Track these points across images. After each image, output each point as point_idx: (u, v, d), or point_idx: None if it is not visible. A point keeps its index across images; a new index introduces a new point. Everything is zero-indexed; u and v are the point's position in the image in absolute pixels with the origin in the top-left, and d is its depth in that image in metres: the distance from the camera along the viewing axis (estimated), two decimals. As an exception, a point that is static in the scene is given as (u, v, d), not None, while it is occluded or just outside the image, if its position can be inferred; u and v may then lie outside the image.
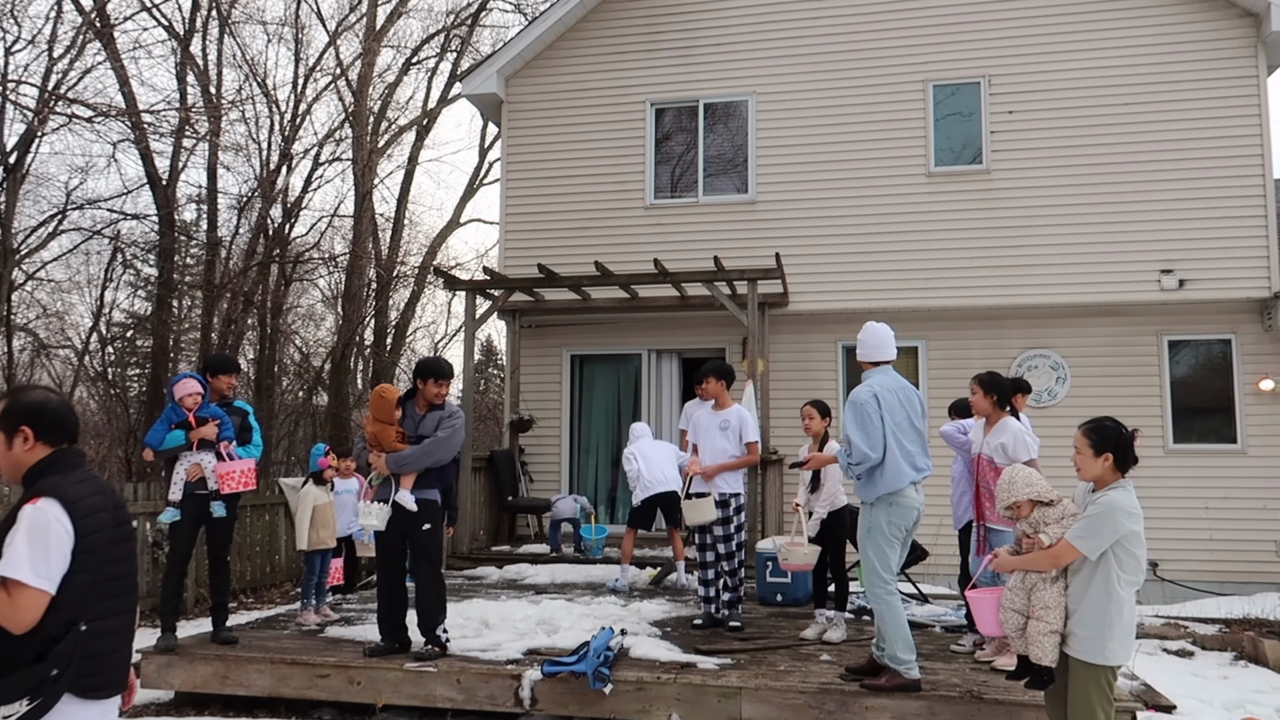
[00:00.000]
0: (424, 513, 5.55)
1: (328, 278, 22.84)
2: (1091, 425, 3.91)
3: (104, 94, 17.09)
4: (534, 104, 11.92)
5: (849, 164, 10.99)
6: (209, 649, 5.71)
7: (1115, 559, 3.77)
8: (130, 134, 15.34)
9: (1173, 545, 10.05)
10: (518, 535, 11.31)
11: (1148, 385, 10.40)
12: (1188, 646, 7.80)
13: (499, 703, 5.22)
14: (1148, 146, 10.32)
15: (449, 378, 5.67)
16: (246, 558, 9.92)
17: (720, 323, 11.14)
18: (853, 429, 4.98)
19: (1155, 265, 10.18)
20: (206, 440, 5.66)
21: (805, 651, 5.82)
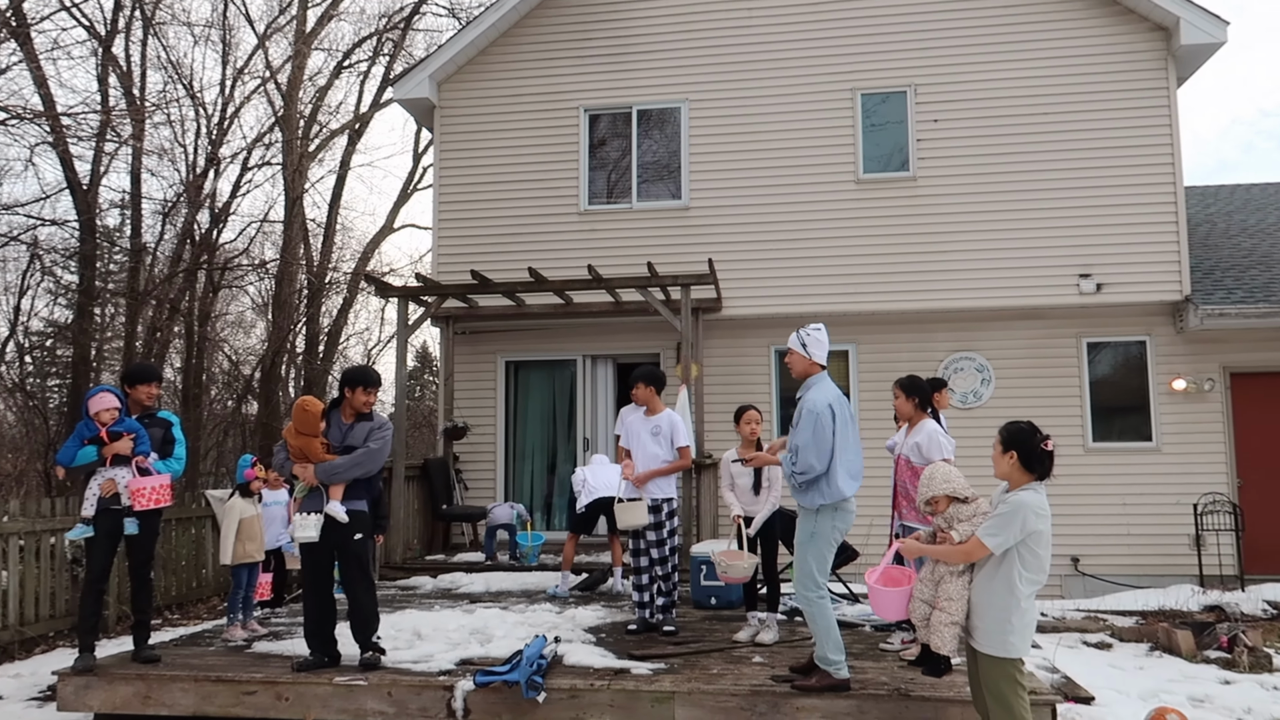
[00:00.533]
0: (354, 523, 5.48)
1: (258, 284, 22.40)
2: (1006, 424, 4.08)
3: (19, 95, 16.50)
4: (467, 109, 11.85)
5: (781, 170, 11.15)
6: (130, 668, 5.54)
7: (1019, 557, 3.91)
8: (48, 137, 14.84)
9: (1092, 541, 10.39)
10: (453, 544, 11.21)
11: (1068, 386, 10.74)
12: (1106, 639, 8.07)
13: (431, 714, 5.16)
14: (1065, 155, 10.67)
15: (377, 386, 5.60)
16: (172, 572, 9.66)
17: (655, 328, 11.19)
18: (805, 438, 4.95)
19: (1074, 270, 10.52)
20: (121, 455, 5.50)
21: (738, 654, 5.88)
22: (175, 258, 19.46)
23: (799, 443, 4.98)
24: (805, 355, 5.23)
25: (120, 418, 5.54)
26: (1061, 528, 10.22)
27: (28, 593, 7.76)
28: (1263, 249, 11.72)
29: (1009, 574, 3.91)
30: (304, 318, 21.57)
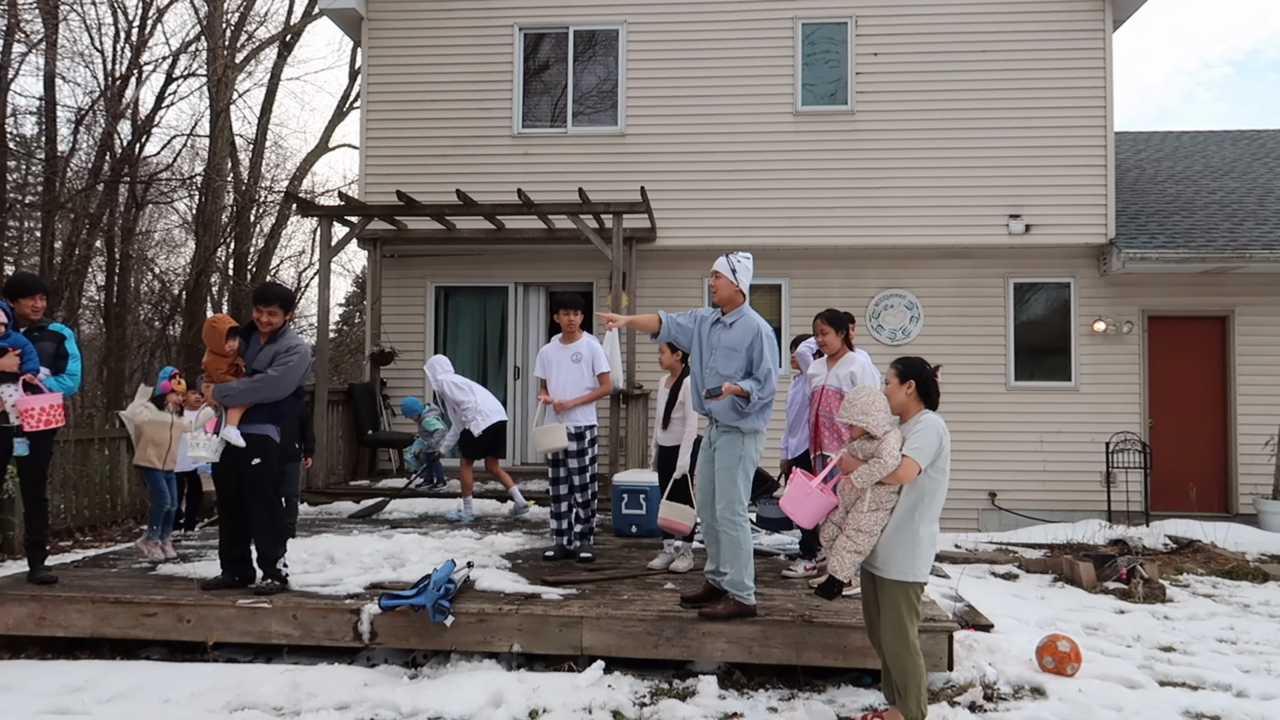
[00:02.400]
0: (253, 448, 5.32)
1: (187, 201, 21.57)
2: (899, 359, 4.18)
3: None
4: (397, 22, 11.37)
5: (719, 100, 10.96)
6: (24, 589, 5.38)
7: (928, 481, 3.99)
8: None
9: (1009, 476, 10.68)
10: (379, 470, 11.10)
11: (994, 325, 10.90)
12: (1014, 570, 8.34)
13: (337, 637, 5.12)
14: (1000, 94, 10.66)
15: (277, 302, 5.38)
16: (84, 493, 9.42)
17: (588, 257, 11.04)
18: (771, 362, 4.97)
19: (1004, 210, 10.60)
20: (8, 372, 5.25)
21: (651, 581, 5.93)
22: (94, 170, 18.61)
23: (768, 367, 4.96)
24: (733, 281, 5.15)
25: (5, 333, 5.27)
26: (980, 463, 10.56)
27: (-76, 512, 7.49)
28: (1186, 195, 11.93)
29: (917, 499, 4.00)
30: (231, 236, 20.89)
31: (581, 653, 5.05)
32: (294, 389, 5.45)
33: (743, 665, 5.07)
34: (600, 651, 5.03)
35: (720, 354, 5.10)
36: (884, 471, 3.93)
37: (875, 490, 4.00)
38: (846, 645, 4.90)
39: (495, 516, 8.65)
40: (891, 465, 3.92)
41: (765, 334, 5.04)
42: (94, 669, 4.88)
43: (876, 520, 4.01)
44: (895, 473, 3.93)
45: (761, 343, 5.00)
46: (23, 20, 15.90)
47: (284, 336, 5.44)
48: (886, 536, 4.04)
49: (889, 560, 4.05)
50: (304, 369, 5.41)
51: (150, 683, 4.70)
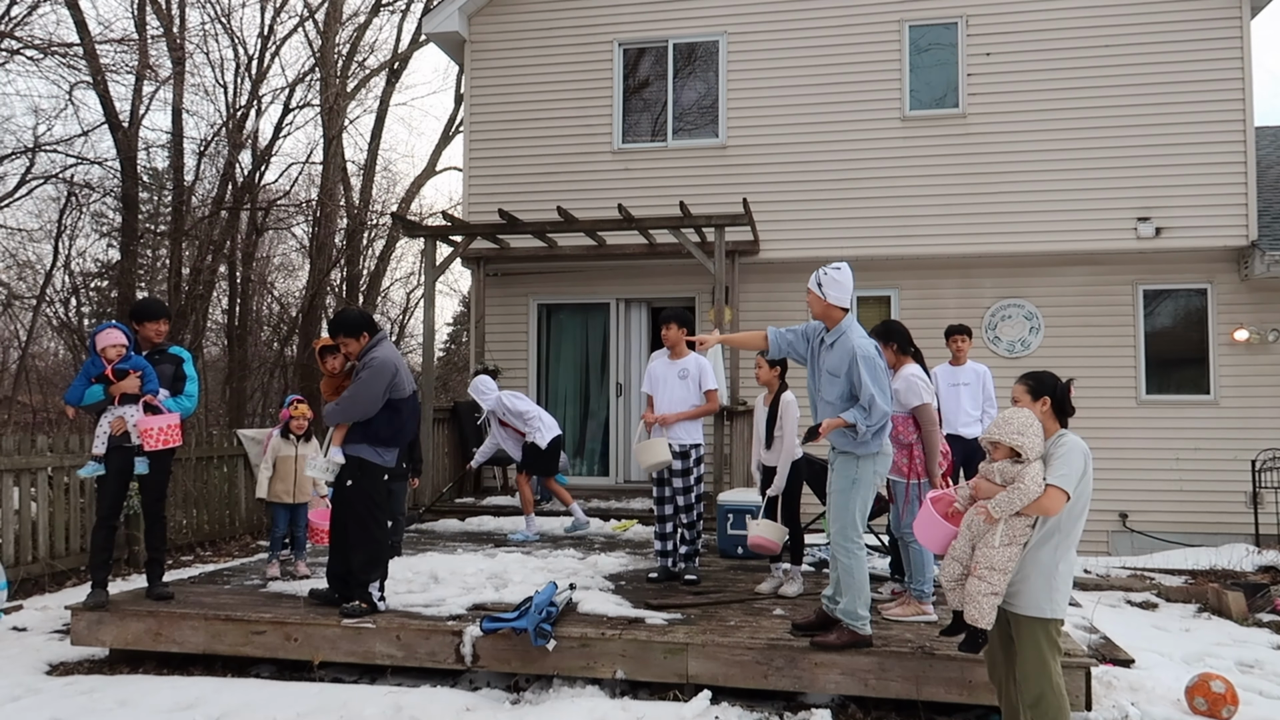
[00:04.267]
0: (347, 468, 5.32)
1: (304, 226, 22.40)
2: (1028, 374, 3.83)
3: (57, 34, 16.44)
4: (498, 43, 11.50)
5: (822, 107, 10.68)
6: (142, 605, 5.51)
7: (1066, 510, 3.64)
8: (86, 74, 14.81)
9: (1142, 496, 9.99)
10: (483, 487, 11.16)
11: (1122, 335, 10.25)
12: (1152, 598, 7.73)
13: (439, 659, 5.06)
14: (1127, 91, 10.05)
15: (340, 332, 5.33)
16: (205, 509, 9.73)
17: (690, 271, 10.89)
18: (873, 387, 4.62)
19: (1132, 213, 9.97)
20: (130, 393, 5.40)
21: (758, 606, 5.69)
22: (218, 198, 19.49)
23: (871, 393, 4.62)
24: (820, 296, 4.82)
25: (128, 355, 5.44)
26: (1110, 482, 9.91)
27: (57, 527, 7.83)
28: (1339, 192, 11.01)
29: (1055, 527, 3.67)
30: (343, 260, 21.57)
31: (687, 681, 4.85)
32: (376, 405, 5.26)
33: (858, 699, 4.79)
34: (707, 680, 4.82)
35: (824, 378, 4.84)
36: (1025, 501, 3.58)
37: (1010, 522, 3.65)
38: (971, 680, 4.56)
39: (597, 537, 8.54)
40: (1034, 494, 3.57)
41: (863, 355, 4.66)
42: (206, 685, 4.94)
43: (1011, 556, 3.64)
44: (1038, 502, 3.58)
45: (859, 367, 4.65)
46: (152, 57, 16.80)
47: (366, 354, 5.37)
48: (1023, 569, 3.69)
49: (1022, 594, 3.70)
50: (380, 383, 5.23)
51: (259, 701, 4.72)
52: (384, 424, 5.32)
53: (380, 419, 5.31)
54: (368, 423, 5.30)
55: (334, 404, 5.31)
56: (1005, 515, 3.62)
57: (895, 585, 5.97)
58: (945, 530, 3.84)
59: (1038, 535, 3.67)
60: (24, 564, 7.49)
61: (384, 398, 5.26)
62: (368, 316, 5.50)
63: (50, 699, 4.77)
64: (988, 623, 3.67)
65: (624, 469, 11.37)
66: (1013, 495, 3.59)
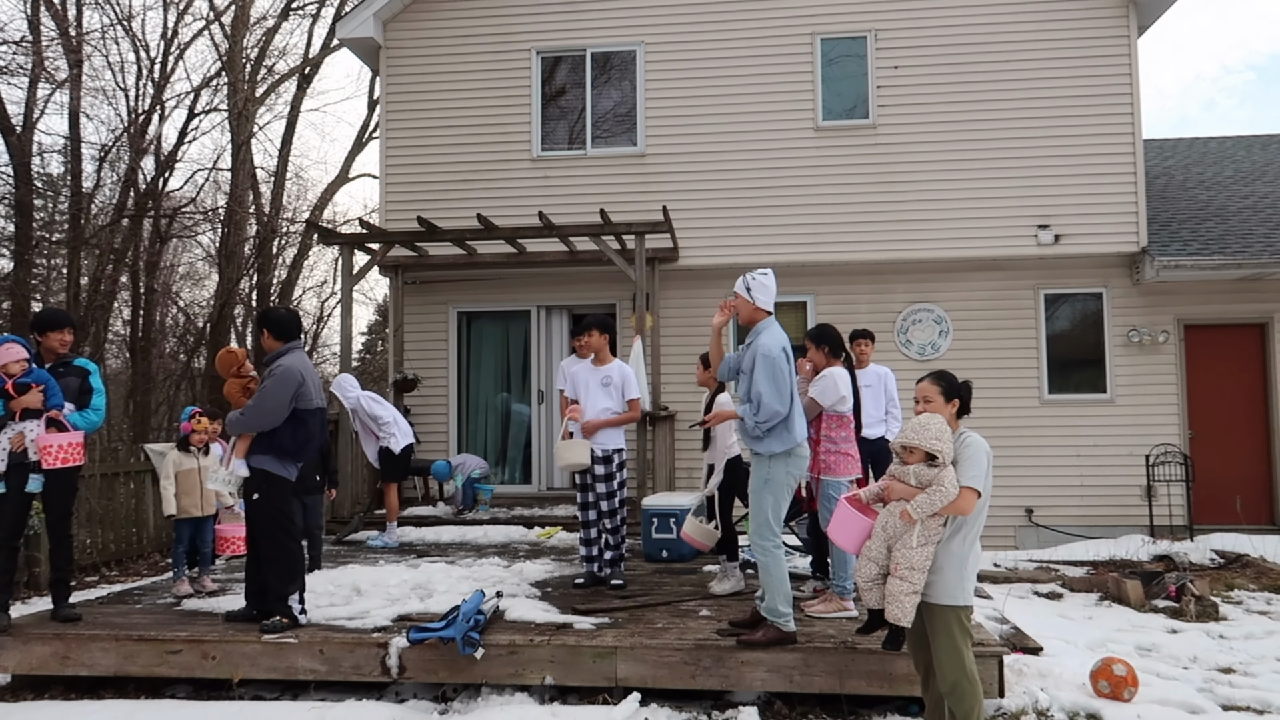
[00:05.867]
0: (252, 481, 5.20)
1: (210, 235, 21.72)
2: (937, 374, 4.00)
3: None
4: (414, 50, 11.39)
5: (739, 117, 10.87)
6: (47, 628, 5.28)
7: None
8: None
9: (1046, 492, 10.42)
10: (405, 498, 10.98)
11: (1025, 337, 10.69)
12: (1057, 589, 8.08)
13: (365, 672, 4.98)
14: (1025, 104, 10.51)
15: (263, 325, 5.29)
16: (110, 527, 9.37)
17: (611, 278, 10.95)
18: (764, 384, 4.77)
19: (1033, 220, 10.42)
20: (31, 408, 5.18)
21: (685, 608, 5.76)
22: (119, 205, 18.77)
23: (760, 390, 4.79)
24: (750, 300, 5.01)
25: (30, 368, 5.21)
26: (1016, 479, 10.31)
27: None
28: (1218, 201, 11.69)
29: (962, 521, 3.82)
30: (254, 268, 20.99)
31: (617, 684, 4.89)
32: (281, 415, 5.15)
33: (784, 695, 4.89)
34: (636, 683, 4.86)
35: (743, 377, 4.99)
36: (944, 501, 3.72)
37: (926, 522, 3.79)
38: (892, 673, 4.70)
39: (521, 544, 8.52)
40: (952, 494, 3.72)
41: (762, 354, 4.84)
42: (118, 709, 4.77)
43: (928, 555, 3.79)
44: (955, 504, 3.73)
45: (756, 364, 4.84)
46: (46, 59, 16.12)
47: (273, 362, 5.26)
48: (937, 561, 3.85)
49: (936, 584, 3.85)
50: (284, 391, 5.11)
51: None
52: (288, 435, 5.19)
53: (284, 430, 5.18)
54: (272, 433, 5.17)
55: (238, 412, 5.18)
56: (924, 516, 3.76)
57: (816, 583, 6.12)
58: (860, 527, 3.96)
59: (949, 530, 3.83)
60: (-86, 590, 7.08)
61: (289, 407, 5.14)
62: (289, 320, 5.35)
63: (-52, 730, 4.55)
64: (909, 620, 3.80)
65: (547, 476, 11.35)
66: (933, 497, 3.72)
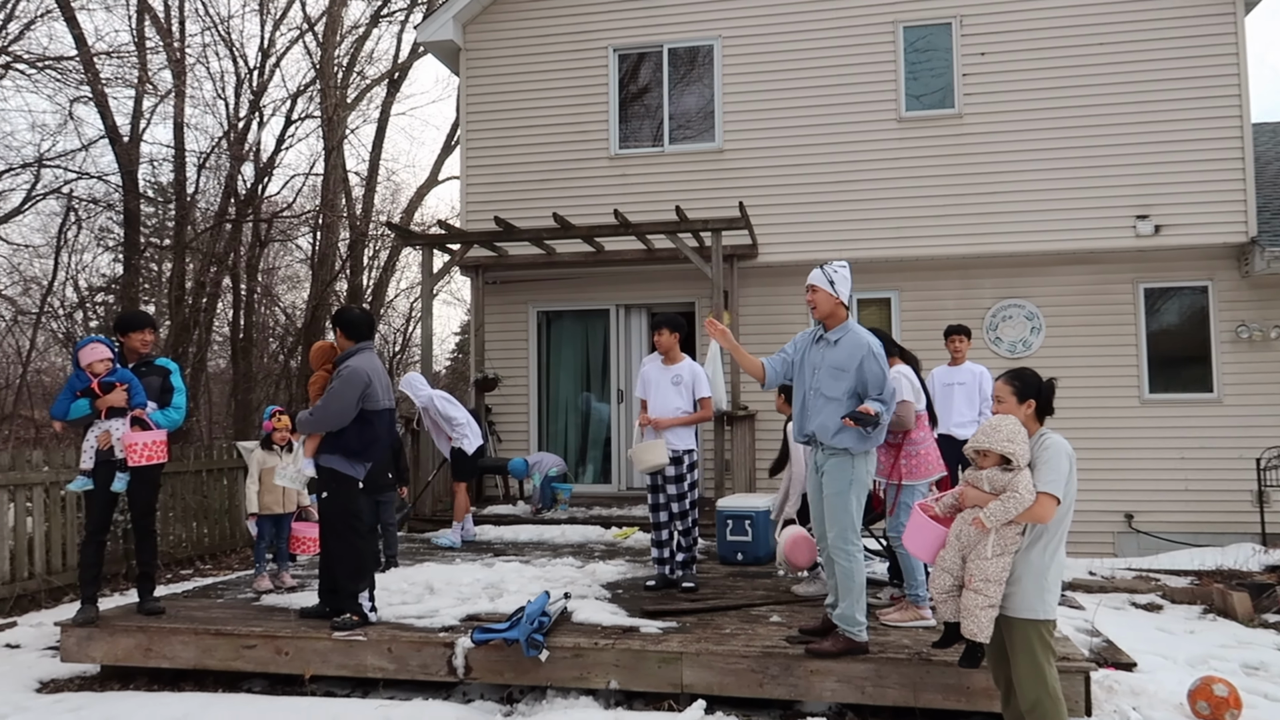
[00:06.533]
0: (319, 480, 5.28)
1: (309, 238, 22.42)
2: (1012, 373, 3.76)
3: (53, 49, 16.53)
4: (493, 51, 11.49)
5: (818, 110, 10.63)
6: (132, 620, 5.47)
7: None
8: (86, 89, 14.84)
9: (1147, 496, 9.89)
10: (485, 496, 11.10)
11: (1123, 334, 10.16)
12: (1157, 600, 7.64)
13: (432, 672, 5.01)
14: (1123, 89, 9.98)
15: (336, 324, 5.36)
16: (205, 522, 9.70)
17: (689, 276, 10.84)
18: (888, 382, 4.69)
19: (1131, 211, 9.89)
20: (117, 407, 5.37)
21: (755, 613, 5.63)
22: (220, 211, 19.53)
23: (893, 387, 4.72)
24: (832, 294, 4.77)
25: (114, 368, 5.40)
26: (1115, 483, 9.82)
27: (54, 542, 7.80)
28: (1341, 187, 10.91)
29: (1043, 531, 3.61)
30: (347, 270, 21.58)
31: (682, 690, 4.79)
32: (349, 415, 5.20)
33: (855, 706, 4.72)
34: (702, 689, 4.76)
35: (825, 374, 4.75)
36: (1019, 509, 3.51)
37: (1001, 531, 3.58)
38: (969, 686, 4.49)
39: (597, 544, 8.49)
40: (1028, 501, 3.50)
41: (875, 350, 4.67)
42: (194, 701, 4.90)
43: (1004, 565, 3.57)
44: (1031, 510, 3.51)
45: (874, 360, 4.65)
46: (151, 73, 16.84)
47: (342, 362, 5.33)
48: (1015, 572, 3.63)
49: (1014, 596, 3.64)
50: (351, 392, 5.16)
51: (248, 716, 4.67)
52: (355, 436, 5.25)
53: (352, 430, 5.24)
54: (340, 434, 5.24)
55: (306, 412, 5.27)
56: (998, 525, 3.56)
57: (894, 590, 5.91)
58: (934, 536, 3.77)
59: (1028, 539, 3.62)
60: (20, 580, 7.46)
61: (356, 408, 5.20)
62: (360, 321, 5.42)
63: (36, 717, 4.73)
64: (986, 636, 3.61)
65: (625, 476, 11.32)
66: (1007, 504, 3.52)
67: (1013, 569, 3.64)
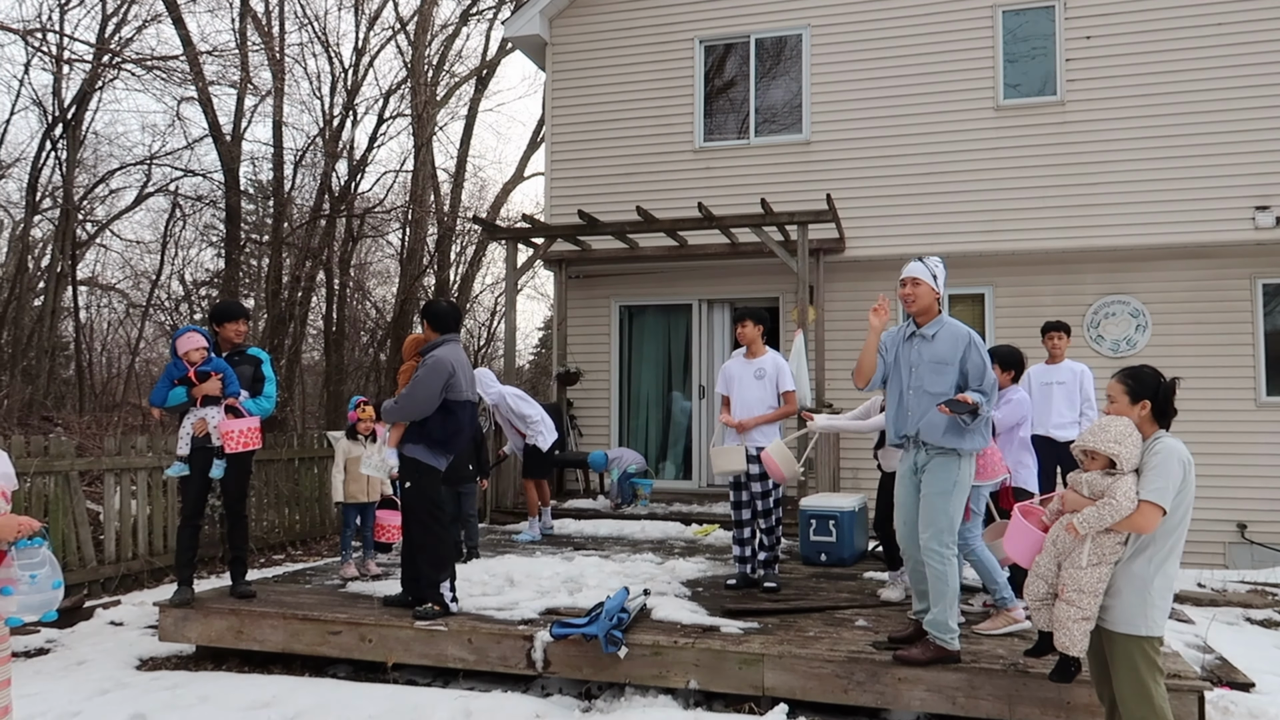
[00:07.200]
0: (404, 470, 5.33)
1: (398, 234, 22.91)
2: (1127, 371, 3.49)
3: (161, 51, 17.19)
4: (578, 44, 11.49)
5: (910, 99, 10.32)
6: (225, 603, 5.62)
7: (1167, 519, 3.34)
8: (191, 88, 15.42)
9: (1263, 505, 9.33)
10: (566, 490, 11.13)
11: (1238, 333, 9.59)
12: (1274, 616, 7.17)
13: (511, 664, 4.99)
14: (1240, 70, 9.41)
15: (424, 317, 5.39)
16: (297, 509, 9.96)
17: (774, 271, 10.67)
18: (989, 373, 4.52)
19: (1249, 201, 9.32)
20: (211, 395, 5.51)
21: (840, 616, 5.46)
22: (315, 207, 20.09)
23: (994, 377, 4.56)
24: (934, 287, 4.64)
25: (209, 357, 5.55)
26: (1227, 490, 9.29)
27: (156, 525, 8.09)
28: None
29: (1150, 539, 3.37)
30: (434, 265, 21.96)
31: (763, 693, 4.67)
32: (433, 404, 5.23)
33: (945, 717, 4.52)
34: (783, 693, 4.62)
35: (926, 370, 4.57)
36: (1115, 517, 3.28)
37: (1098, 539, 3.36)
38: (1070, 701, 4.25)
39: (677, 541, 8.40)
40: (1126, 510, 3.27)
41: (975, 341, 4.53)
42: (283, 684, 4.99)
43: (1100, 576, 3.35)
44: (1130, 519, 3.28)
45: (977, 351, 4.50)
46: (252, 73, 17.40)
47: (427, 352, 5.37)
48: (1115, 582, 3.40)
49: (1114, 609, 3.40)
50: (435, 381, 5.19)
51: (332, 702, 4.73)
52: (438, 426, 5.29)
53: (435, 420, 5.28)
54: (423, 423, 5.28)
55: (391, 401, 5.33)
56: (1092, 532, 3.34)
57: (986, 597, 5.67)
58: (1031, 541, 3.58)
59: (1131, 549, 3.38)
60: (124, 560, 7.75)
61: (440, 397, 5.23)
62: (447, 314, 5.48)
63: (135, 694, 4.88)
64: (1079, 650, 3.40)
65: (706, 473, 11.20)
66: (1102, 511, 3.30)
67: (1114, 579, 3.41)
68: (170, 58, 13.18)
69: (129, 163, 15.78)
